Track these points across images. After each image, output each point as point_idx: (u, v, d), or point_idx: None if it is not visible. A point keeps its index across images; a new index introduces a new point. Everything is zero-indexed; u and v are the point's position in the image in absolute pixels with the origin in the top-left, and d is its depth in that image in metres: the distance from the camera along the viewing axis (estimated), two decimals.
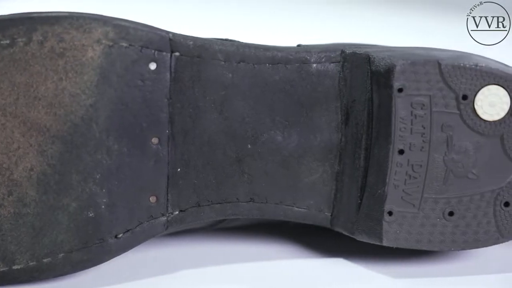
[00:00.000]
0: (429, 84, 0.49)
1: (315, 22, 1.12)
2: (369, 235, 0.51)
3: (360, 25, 1.14)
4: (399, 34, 1.07)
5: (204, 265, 0.51)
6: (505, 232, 0.50)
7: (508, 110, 0.50)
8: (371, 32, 1.11)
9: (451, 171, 0.50)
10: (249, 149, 0.51)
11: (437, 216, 0.50)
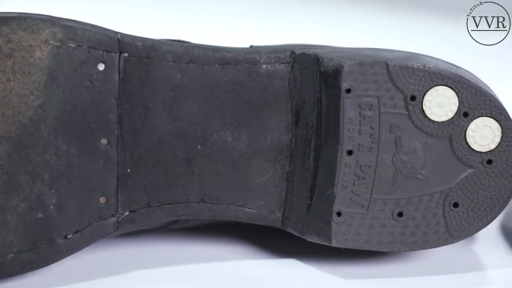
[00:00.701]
0: (377, 85, 0.49)
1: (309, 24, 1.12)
2: (318, 235, 0.51)
3: (359, 26, 1.14)
4: (399, 34, 1.07)
5: (155, 266, 0.51)
6: (454, 233, 0.50)
7: (456, 110, 0.50)
8: (370, 32, 1.11)
9: (400, 171, 0.50)
10: (199, 150, 0.51)
11: (386, 217, 0.50)
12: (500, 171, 0.50)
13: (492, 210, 0.50)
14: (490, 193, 0.50)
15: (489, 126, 0.50)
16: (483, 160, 0.50)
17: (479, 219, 0.50)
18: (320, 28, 1.12)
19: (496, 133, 0.50)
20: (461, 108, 0.49)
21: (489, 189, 0.50)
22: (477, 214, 0.50)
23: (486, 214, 0.50)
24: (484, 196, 0.50)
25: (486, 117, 0.50)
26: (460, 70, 0.51)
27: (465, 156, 0.50)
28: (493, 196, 0.50)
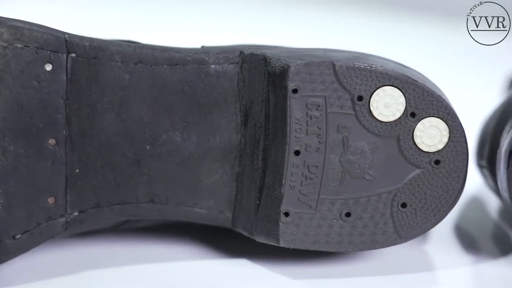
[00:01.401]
0: (324, 85, 0.49)
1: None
2: (267, 236, 0.51)
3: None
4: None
5: (106, 266, 0.51)
6: (402, 233, 0.50)
7: (403, 111, 0.50)
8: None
9: (348, 172, 0.50)
10: (148, 150, 0.51)
11: (334, 217, 0.50)
12: (448, 171, 0.50)
13: (440, 210, 0.50)
14: (438, 193, 0.50)
15: (436, 126, 0.50)
16: (431, 160, 0.50)
17: (427, 219, 0.50)
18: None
19: (444, 133, 0.50)
20: (408, 109, 0.50)
21: (437, 189, 0.50)
22: (425, 214, 0.50)
23: (434, 214, 0.50)
24: (432, 196, 0.50)
25: (434, 117, 0.50)
26: (408, 71, 0.51)
27: (413, 157, 0.50)
28: (441, 196, 0.50)
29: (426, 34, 1.06)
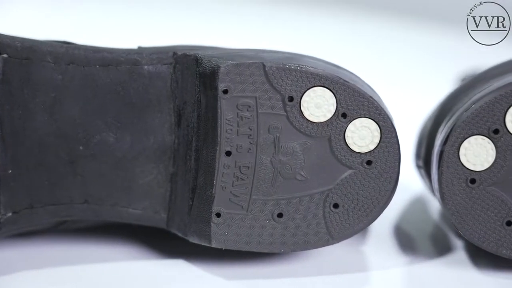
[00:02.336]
0: (254, 86, 0.49)
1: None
2: (199, 236, 0.51)
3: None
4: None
5: (43, 267, 0.51)
6: (335, 233, 0.50)
7: (334, 111, 0.50)
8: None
9: (279, 172, 0.50)
10: (81, 151, 0.51)
11: (266, 218, 0.50)
12: (380, 172, 0.50)
13: (373, 211, 0.50)
14: (370, 194, 0.50)
15: (367, 127, 0.50)
16: (363, 161, 0.50)
17: (360, 220, 0.50)
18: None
19: (375, 134, 0.50)
20: (340, 109, 0.50)
21: (369, 190, 0.50)
22: (357, 215, 0.50)
23: (367, 215, 0.50)
24: (364, 197, 0.50)
25: (365, 118, 0.50)
26: (340, 71, 0.51)
27: (345, 157, 0.50)
28: (373, 197, 0.50)
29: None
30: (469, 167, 0.50)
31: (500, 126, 0.49)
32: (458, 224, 0.50)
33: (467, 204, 0.50)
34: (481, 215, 0.50)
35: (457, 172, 0.50)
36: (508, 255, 0.50)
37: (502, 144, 0.49)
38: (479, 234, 0.50)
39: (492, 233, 0.50)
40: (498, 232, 0.50)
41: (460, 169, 0.50)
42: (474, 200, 0.50)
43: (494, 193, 0.49)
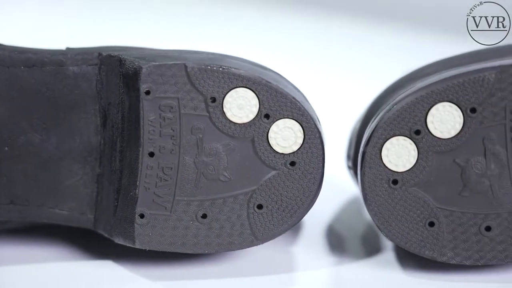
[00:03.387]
0: (176, 87, 0.49)
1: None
2: (124, 237, 0.51)
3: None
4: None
5: None
6: (259, 234, 0.50)
7: (257, 112, 0.50)
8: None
9: (202, 173, 0.50)
10: (6, 152, 0.51)
11: (190, 219, 0.50)
12: (304, 172, 0.50)
13: (297, 212, 0.50)
14: (294, 195, 0.50)
15: (290, 128, 0.50)
16: (286, 161, 0.50)
17: (284, 221, 0.50)
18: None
19: (298, 134, 0.50)
20: (262, 110, 0.50)
21: (293, 190, 0.50)
22: (281, 216, 0.50)
23: (291, 216, 0.50)
24: (288, 197, 0.50)
25: (288, 118, 0.50)
26: (264, 72, 0.51)
27: (268, 158, 0.50)
28: (297, 197, 0.50)
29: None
30: (391, 168, 0.50)
31: (421, 127, 0.49)
32: (381, 225, 0.50)
33: (389, 205, 0.50)
34: (404, 216, 0.50)
35: (379, 173, 0.50)
36: (430, 255, 0.50)
37: (424, 145, 0.49)
38: (402, 235, 0.50)
39: (414, 234, 0.50)
40: (420, 233, 0.50)
41: (382, 170, 0.50)
42: (397, 201, 0.50)
43: (416, 194, 0.50)
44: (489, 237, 0.50)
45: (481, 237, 0.50)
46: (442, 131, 0.49)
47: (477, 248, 0.50)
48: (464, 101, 0.49)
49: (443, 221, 0.50)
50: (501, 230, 0.50)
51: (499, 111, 0.49)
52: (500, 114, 0.49)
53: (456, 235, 0.50)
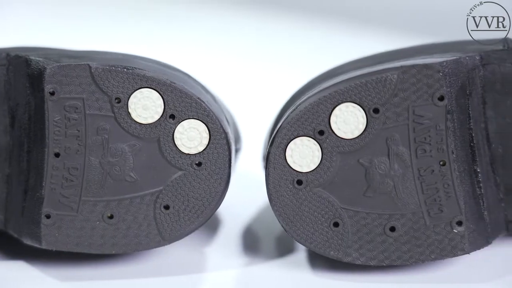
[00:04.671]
0: (81, 87, 0.49)
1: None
2: (31, 238, 0.51)
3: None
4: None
5: None
6: (166, 235, 0.50)
7: (162, 113, 0.50)
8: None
9: (109, 174, 0.50)
10: None
11: (97, 219, 0.50)
12: (210, 173, 0.50)
13: (204, 212, 0.50)
14: (201, 195, 0.50)
15: (196, 128, 0.50)
16: (192, 162, 0.50)
17: (191, 221, 0.50)
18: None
19: (204, 135, 0.50)
20: (168, 110, 0.50)
21: (199, 191, 0.50)
22: (188, 216, 0.50)
23: (198, 216, 0.50)
24: (195, 198, 0.50)
25: (193, 119, 0.50)
26: (170, 73, 0.51)
27: (174, 158, 0.50)
28: (203, 198, 0.50)
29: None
30: (295, 168, 0.50)
31: (325, 127, 0.49)
32: (286, 226, 0.50)
33: (294, 205, 0.50)
34: (309, 217, 0.50)
35: (283, 174, 0.50)
36: (336, 256, 0.50)
37: (328, 146, 0.49)
38: (307, 235, 0.50)
39: (319, 235, 0.50)
40: (325, 234, 0.50)
41: (287, 170, 0.50)
42: (301, 202, 0.50)
43: (321, 194, 0.50)
44: (394, 238, 0.50)
45: (385, 238, 0.50)
46: (346, 131, 0.49)
47: (382, 249, 0.50)
48: (367, 102, 0.49)
49: (347, 221, 0.50)
50: (406, 231, 0.50)
51: (402, 111, 0.49)
52: (403, 114, 0.49)
53: (361, 235, 0.50)
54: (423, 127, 0.49)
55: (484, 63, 0.51)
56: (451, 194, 0.49)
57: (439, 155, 0.49)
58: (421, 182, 0.49)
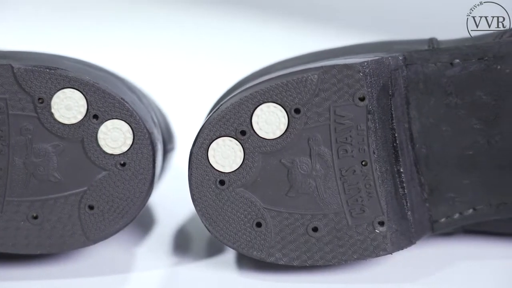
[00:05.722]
0: (4, 88, 0.49)
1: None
2: None
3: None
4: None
5: None
6: (90, 235, 0.50)
7: (85, 113, 0.50)
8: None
9: (33, 174, 0.50)
10: None
11: (21, 219, 0.50)
12: (134, 173, 0.50)
13: (128, 212, 0.50)
14: (125, 195, 0.50)
15: (119, 128, 0.50)
16: (117, 162, 0.50)
17: (115, 221, 0.50)
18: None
19: (128, 135, 0.50)
20: (91, 111, 0.50)
21: (123, 191, 0.50)
22: (113, 216, 0.50)
23: (122, 216, 0.50)
24: (119, 198, 0.50)
25: (116, 119, 0.50)
26: (94, 73, 0.51)
27: (98, 159, 0.50)
28: (128, 198, 0.50)
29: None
30: (218, 169, 0.50)
31: (246, 127, 0.49)
32: (209, 226, 0.50)
33: (217, 205, 0.50)
34: (231, 217, 0.50)
35: (206, 174, 0.50)
36: (259, 256, 0.50)
37: (250, 146, 0.49)
38: (230, 236, 0.50)
39: (242, 235, 0.50)
40: (248, 234, 0.50)
41: (209, 170, 0.50)
42: (224, 202, 0.50)
43: (244, 194, 0.50)
44: (316, 238, 0.50)
45: (308, 238, 0.50)
46: (267, 131, 0.49)
47: (304, 249, 0.50)
48: (288, 102, 0.49)
49: (270, 221, 0.50)
50: (328, 231, 0.50)
51: (323, 111, 0.49)
52: (324, 114, 0.49)
53: (284, 235, 0.50)
54: (344, 127, 0.49)
55: (407, 63, 0.51)
56: (372, 194, 0.49)
57: (360, 155, 0.49)
58: (343, 182, 0.49)
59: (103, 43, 1.05)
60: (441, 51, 0.51)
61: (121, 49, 1.04)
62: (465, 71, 0.50)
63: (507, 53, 0.50)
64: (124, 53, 1.01)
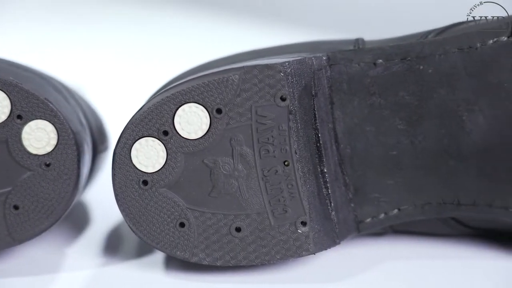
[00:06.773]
0: None
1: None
2: None
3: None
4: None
5: None
6: (16, 235, 0.50)
7: (9, 113, 0.50)
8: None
9: None
10: None
11: None
12: (59, 173, 0.50)
13: (54, 212, 0.50)
14: (50, 196, 0.50)
15: (43, 129, 0.50)
16: (41, 162, 0.50)
17: (41, 221, 0.50)
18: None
19: (52, 135, 0.50)
20: (15, 111, 0.50)
21: (49, 191, 0.50)
22: (38, 216, 0.50)
23: (47, 216, 0.50)
24: (44, 198, 0.50)
25: (40, 119, 0.50)
26: (19, 73, 0.51)
27: (23, 159, 0.50)
28: (53, 198, 0.50)
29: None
30: (141, 169, 0.50)
31: (169, 127, 0.49)
32: (133, 226, 0.50)
33: (140, 205, 0.50)
34: (155, 217, 0.50)
35: (129, 174, 0.50)
36: (182, 256, 0.50)
37: (172, 146, 0.49)
38: (154, 236, 0.50)
39: (166, 235, 0.50)
40: (172, 234, 0.50)
41: (132, 170, 0.50)
42: (147, 202, 0.50)
43: (167, 194, 0.50)
44: (239, 238, 0.50)
45: (231, 238, 0.50)
46: (190, 131, 0.49)
47: (228, 249, 0.50)
48: (210, 102, 0.49)
49: (193, 222, 0.50)
50: (251, 231, 0.50)
51: (245, 111, 0.49)
52: (246, 114, 0.49)
53: (207, 236, 0.50)
54: (266, 127, 0.49)
55: (331, 63, 0.51)
56: (295, 194, 0.49)
57: (282, 156, 0.49)
58: (265, 182, 0.49)
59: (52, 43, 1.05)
60: (364, 52, 0.51)
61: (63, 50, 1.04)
62: (388, 71, 0.50)
63: (429, 53, 0.50)
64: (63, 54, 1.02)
